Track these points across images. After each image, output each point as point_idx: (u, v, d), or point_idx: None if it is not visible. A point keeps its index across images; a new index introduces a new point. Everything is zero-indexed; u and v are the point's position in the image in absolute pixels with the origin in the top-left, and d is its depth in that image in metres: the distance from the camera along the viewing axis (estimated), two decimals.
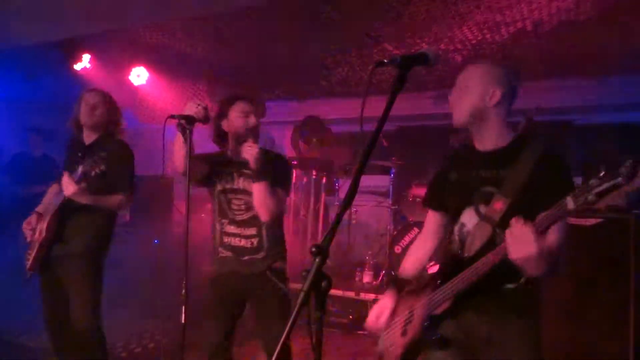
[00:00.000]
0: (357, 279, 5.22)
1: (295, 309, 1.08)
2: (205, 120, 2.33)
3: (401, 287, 1.96)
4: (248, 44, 4.65)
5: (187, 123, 2.25)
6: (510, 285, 1.71)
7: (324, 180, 6.08)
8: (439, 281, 1.77)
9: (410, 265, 2.04)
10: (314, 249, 1.11)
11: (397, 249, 5.05)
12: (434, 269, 4.74)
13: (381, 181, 5.97)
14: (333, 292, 1.19)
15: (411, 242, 5.05)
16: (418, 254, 2.06)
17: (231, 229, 2.53)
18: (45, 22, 4.11)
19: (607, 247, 3.18)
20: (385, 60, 1.28)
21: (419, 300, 1.83)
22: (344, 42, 4.43)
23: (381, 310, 1.91)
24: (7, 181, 5.50)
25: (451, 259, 1.84)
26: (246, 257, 2.50)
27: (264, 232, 2.50)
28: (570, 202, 1.38)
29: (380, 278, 5.18)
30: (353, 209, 5.79)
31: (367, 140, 1.24)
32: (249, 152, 2.35)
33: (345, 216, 1.24)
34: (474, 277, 1.63)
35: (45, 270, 2.76)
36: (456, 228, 1.86)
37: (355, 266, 5.38)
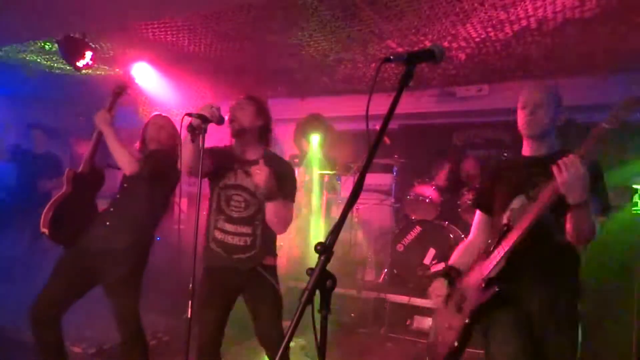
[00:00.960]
0: (358, 276, 5.23)
1: (300, 308, 1.07)
2: (219, 121, 2.37)
3: (450, 274, 2.18)
4: (251, 41, 4.63)
5: (202, 122, 2.30)
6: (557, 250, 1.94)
7: (326, 178, 6.08)
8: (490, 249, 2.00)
9: (457, 259, 2.25)
10: (319, 247, 1.10)
11: (400, 247, 5.05)
12: (437, 267, 4.74)
13: (384, 179, 5.97)
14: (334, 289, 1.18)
15: (413, 240, 5.05)
16: (466, 251, 2.26)
17: (226, 226, 2.53)
18: (47, 19, 4.10)
19: (609, 246, 3.17)
20: (392, 57, 1.28)
21: (470, 279, 2.07)
22: (347, 39, 4.41)
23: (436, 287, 2.17)
24: (11, 177, 5.51)
25: (499, 233, 2.02)
26: (236, 256, 2.51)
27: (258, 231, 2.52)
28: (605, 124, 1.69)
29: (382, 276, 5.17)
30: (355, 207, 5.78)
31: (372, 139, 1.23)
32: (259, 176, 2.34)
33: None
34: (526, 225, 1.84)
35: (75, 255, 2.77)
36: (505, 215, 2.04)
37: (357, 264, 5.39)
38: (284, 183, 2.47)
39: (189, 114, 2.32)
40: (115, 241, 2.74)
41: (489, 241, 2.12)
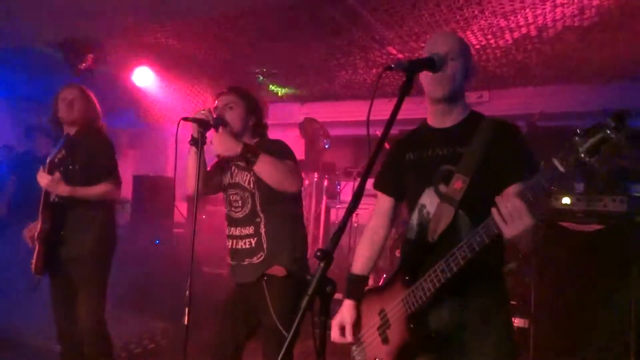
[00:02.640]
0: None
1: (299, 313, 1.07)
2: (217, 124, 2.22)
3: (358, 288, 1.86)
4: (252, 46, 4.65)
5: (199, 126, 2.18)
6: (494, 269, 1.64)
7: (325, 183, 6.08)
8: (407, 277, 1.64)
9: (364, 262, 1.91)
10: (319, 254, 1.10)
11: (399, 253, 5.04)
12: None
13: None
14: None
15: None
16: (371, 248, 1.94)
17: (232, 230, 2.31)
18: (50, 22, 4.12)
19: (608, 254, 3.18)
20: (393, 65, 1.29)
21: (388, 301, 1.70)
22: (347, 45, 4.43)
23: (343, 320, 1.80)
24: (14, 179, 5.51)
25: (415, 248, 1.69)
26: (246, 262, 2.24)
27: (262, 229, 2.22)
28: (559, 165, 1.27)
29: (381, 281, 5.17)
30: (355, 212, 5.78)
31: (374, 145, 1.24)
32: (215, 144, 2.10)
33: None
34: (456, 265, 1.48)
35: (54, 276, 2.75)
36: (415, 212, 1.73)
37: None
38: (274, 151, 2.21)
39: (185, 118, 2.19)
40: (74, 237, 2.67)
41: (404, 259, 1.78)
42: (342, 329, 1.80)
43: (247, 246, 2.23)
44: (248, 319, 2.28)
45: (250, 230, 2.23)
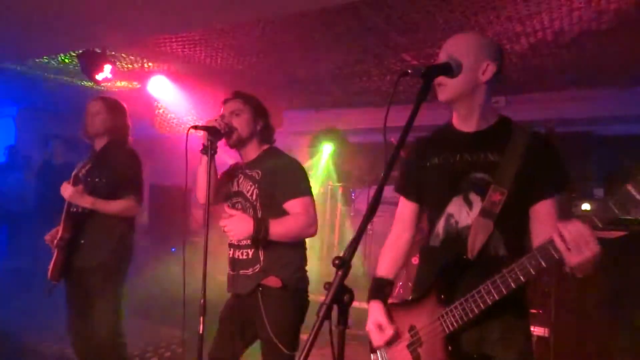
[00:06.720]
0: None
1: (317, 322, 1.06)
2: (229, 132, 2.22)
3: (384, 291, 1.80)
4: (266, 54, 4.67)
5: (210, 135, 2.16)
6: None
7: (340, 190, 6.08)
8: (442, 295, 1.57)
9: (388, 265, 1.85)
10: (336, 261, 1.09)
11: (414, 260, 4.99)
12: None
13: None
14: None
15: None
16: (395, 252, 1.87)
17: (233, 240, 2.28)
18: (68, 34, 4.19)
19: (631, 261, 3.12)
20: (410, 71, 1.27)
21: (419, 318, 1.64)
22: (361, 52, 4.43)
23: (380, 321, 1.72)
24: (34, 188, 5.60)
25: (449, 264, 1.60)
26: (242, 272, 2.24)
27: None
28: (634, 192, 1.20)
29: (397, 289, 5.13)
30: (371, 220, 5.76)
31: (391, 152, 1.22)
32: (229, 230, 2.11)
33: None
34: (506, 288, 1.40)
35: (70, 282, 2.78)
36: (441, 220, 1.65)
37: (371, 277, 5.35)
38: (284, 179, 2.18)
39: (195, 127, 2.17)
40: (91, 247, 2.71)
41: (440, 273, 1.63)
42: (383, 331, 1.71)
43: (244, 257, 2.22)
44: (245, 330, 2.26)
45: (248, 240, 2.19)
